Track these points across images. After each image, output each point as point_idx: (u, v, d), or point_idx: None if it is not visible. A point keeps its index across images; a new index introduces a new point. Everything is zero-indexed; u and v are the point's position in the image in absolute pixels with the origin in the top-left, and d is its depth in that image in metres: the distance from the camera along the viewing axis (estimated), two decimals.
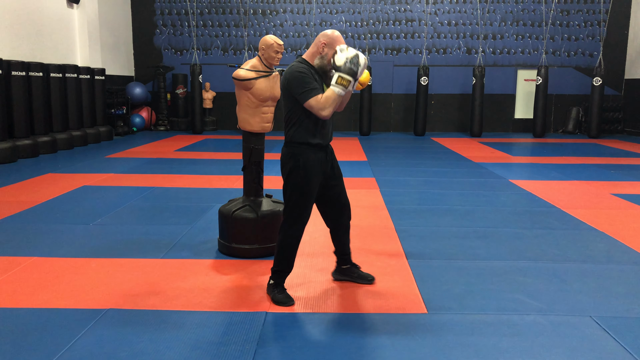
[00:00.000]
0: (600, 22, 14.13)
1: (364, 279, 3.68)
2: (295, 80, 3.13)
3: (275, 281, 3.40)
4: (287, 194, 3.28)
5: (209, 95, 14.17)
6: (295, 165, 3.22)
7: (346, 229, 3.60)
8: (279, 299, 3.33)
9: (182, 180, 7.26)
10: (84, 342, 2.82)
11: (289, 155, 3.25)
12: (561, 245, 4.57)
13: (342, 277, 3.72)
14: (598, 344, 2.87)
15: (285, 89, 3.20)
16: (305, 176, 3.22)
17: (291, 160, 3.24)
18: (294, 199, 3.25)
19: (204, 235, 4.73)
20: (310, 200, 3.28)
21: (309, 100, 3.09)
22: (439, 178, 7.61)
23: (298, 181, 3.23)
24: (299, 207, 3.26)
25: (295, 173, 3.22)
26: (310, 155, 3.23)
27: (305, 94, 3.09)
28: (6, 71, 8.81)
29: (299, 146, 3.22)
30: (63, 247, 4.37)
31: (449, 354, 2.74)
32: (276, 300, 3.33)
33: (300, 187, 3.24)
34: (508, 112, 14.64)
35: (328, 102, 3.08)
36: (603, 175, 7.94)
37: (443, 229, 5.01)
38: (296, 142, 3.23)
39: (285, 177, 3.28)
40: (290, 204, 3.27)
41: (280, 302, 3.32)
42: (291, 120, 3.24)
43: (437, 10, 14.36)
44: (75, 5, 11.74)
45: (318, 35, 3.27)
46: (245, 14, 14.39)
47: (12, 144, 8.67)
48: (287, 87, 3.18)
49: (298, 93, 3.12)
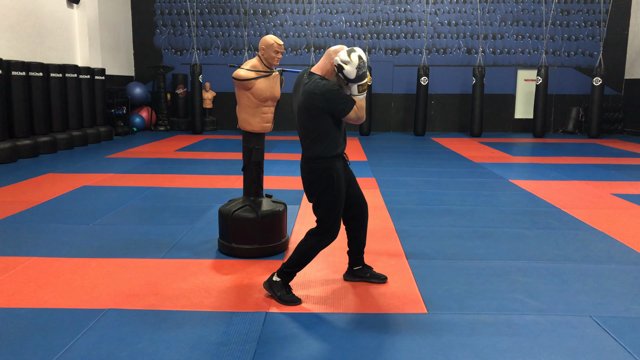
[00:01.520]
0: (600, 22, 14.14)
1: (378, 278, 3.69)
2: (335, 97, 3.13)
3: (283, 281, 3.38)
4: (326, 208, 3.28)
5: (209, 95, 14.17)
6: (331, 181, 3.24)
7: (365, 227, 3.64)
8: (288, 298, 3.32)
9: (182, 180, 7.26)
10: (84, 342, 2.82)
11: (320, 170, 3.25)
12: (561, 245, 4.57)
13: (354, 278, 3.72)
14: (598, 344, 2.87)
15: (314, 106, 3.15)
16: (339, 188, 3.27)
17: (323, 176, 3.25)
18: (334, 213, 3.29)
19: (204, 235, 4.73)
20: (342, 207, 3.36)
21: (349, 114, 3.17)
22: (439, 178, 7.61)
23: (335, 195, 3.26)
24: (338, 218, 3.31)
25: (331, 188, 3.25)
26: (337, 166, 3.29)
27: (345, 109, 3.15)
28: (6, 71, 8.81)
29: (328, 160, 3.25)
30: (63, 247, 4.37)
31: (449, 354, 2.74)
32: (284, 300, 3.31)
33: (337, 200, 3.28)
34: (508, 112, 14.64)
35: (362, 110, 3.21)
36: (603, 175, 7.94)
37: (443, 229, 5.01)
38: (325, 157, 3.24)
39: (320, 192, 3.27)
40: (332, 218, 3.29)
41: (288, 301, 3.31)
42: (314, 137, 3.23)
43: (437, 10, 14.36)
44: (75, 5, 11.74)
45: (334, 48, 3.22)
46: (245, 14, 14.39)
47: (12, 144, 8.67)
48: (320, 104, 3.14)
49: (339, 109, 3.16)
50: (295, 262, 3.36)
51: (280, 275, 3.38)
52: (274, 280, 3.38)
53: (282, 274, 3.38)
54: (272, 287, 3.39)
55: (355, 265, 3.70)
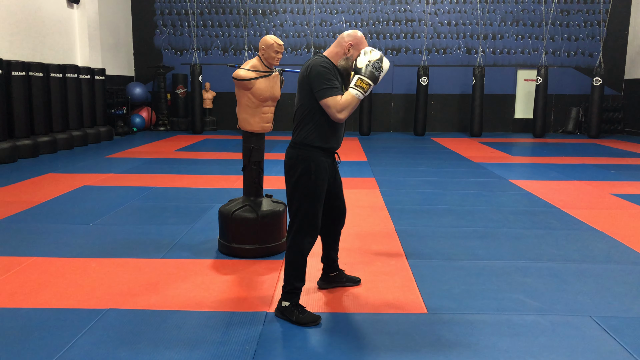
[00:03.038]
0: (600, 22, 14.14)
1: (353, 281, 3.61)
2: (318, 75, 2.91)
3: (291, 302, 3.07)
4: (296, 201, 3.04)
5: (209, 95, 14.17)
6: (306, 170, 2.99)
7: (339, 236, 3.49)
8: (306, 320, 3.02)
9: (182, 180, 7.26)
10: (84, 342, 2.82)
11: (299, 158, 3.01)
12: (561, 245, 4.57)
13: (329, 285, 3.56)
14: (598, 344, 2.87)
15: (304, 82, 2.97)
16: (315, 181, 3.00)
17: (301, 163, 3.00)
18: (305, 206, 3.02)
19: (204, 235, 4.73)
20: (321, 207, 3.08)
21: (327, 99, 2.89)
22: (439, 178, 7.61)
23: (309, 187, 3.00)
24: (311, 215, 3.03)
25: (305, 178, 3.00)
26: (321, 159, 3.02)
27: (325, 91, 2.89)
28: (6, 71, 8.81)
29: (310, 149, 3.00)
30: (63, 247, 4.37)
31: (449, 354, 2.74)
32: (303, 323, 3.01)
33: (311, 194, 3.01)
34: (508, 112, 14.64)
35: (346, 104, 2.90)
36: (603, 175, 7.94)
37: (443, 229, 5.01)
38: (308, 145, 3.00)
39: (294, 182, 3.03)
40: (302, 213, 3.02)
41: (308, 323, 3.01)
42: (305, 120, 3.01)
43: (437, 10, 14.36)
44: (75, 5, 11.74)
45: (341, 35, 3.08)
46: (245, 14, 14.39)
47: (12, 144, 8.67)
48: (306, 80, 2.95)
49: (317, 89, 2.90)
50: (292, 277, 3.07)
51: (286, 298, 3.09)
52: (284, 307, 3.09)
53: (286, 296, 3.09)
54: (284, 313, 3.08)
55: (332, 271, 3.53)
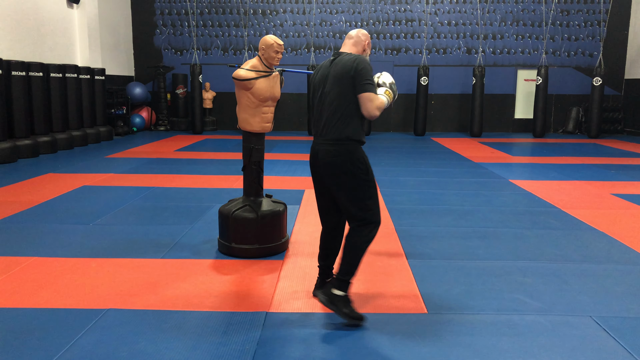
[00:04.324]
0: (600, 22, 14.14)
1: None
2: (365, 70, 2.93)
3: (346, 293, 3.04)
4: (367, 194, 3.01)
5: (209, 95, 14.17)
6: (364, 164, 3.01)
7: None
8: (356, 315, 3.02)
9: (182, 180, 7.26)
10: (84, 342, 2.82)
11: (350, 153, 2.98)
12: (561, 245, 4.57)
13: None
14: (598, 344, 2.87)
15: (348, 75, 2.94)
16: (372, 173, 3.07)
17: (356, 159, 2.98)
18: (374, 198, 3.04)
19: (204, 235, 4.73)
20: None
21: (370, 94, 2.92)
22: (439, 178, 7.61)
23: (370, 179, 3.03)
24: (378, 206, 3.08)
25: (364, 172, 3.00)
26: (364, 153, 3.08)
27: (369, 85, 2.93)
28: (6, 71, 8.81)
29: (357, 144, 3.01)
30: (63, 247, 4.37)
31: (449, 354, 2.74)
32: (353, 317, 3.00)
33: (374, 185, 3.05)
34: (508, 112, 14.64)
35: (382, 105, 3.02)
36: (603, 175, 7.94)
37: (443, 229, 5.01)
38: (355, 140, 2.99)
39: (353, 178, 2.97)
40: (373, 205, 3.03)
41: (357, 319, 3.01)
42: (349, 115, 2.97)
43: (437, 10, 14.36)
44: (75, 5, 11.74)
45: (355, 34, 3.14)
46: (245, 14, 14.39)
47: (12, 144, 8.67)
48: (352, 73, 2.93)
49: (362, 82, 2.92)
50: (354, 266, 3.03)
51: (342, 287, 3.02)
52: (337, 295, 3.01)
53: (342, 285, 3.02)
54: (334, 302, 3.01)
55: (329, 277, 3.37)
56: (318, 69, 3.17)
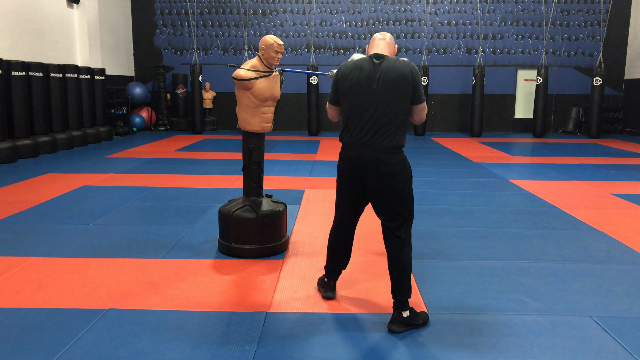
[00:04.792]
0: (600, 22, 14.14)
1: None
2: (420, 78, 2.93)
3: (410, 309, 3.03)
4: (409, 206, 3.02)
5: (209, 95, 14.17)
6: (410, 173, 3.02)
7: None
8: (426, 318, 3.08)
9: (182, 180, 7.26)
10: (84, 342, 2.82)
11: (403, 162, 2.98)
12: (561, 245, 4.57)
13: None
14: (598, 344, 2.87)
15: (406, 83, 2.88)
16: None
17: (407, 168, 3.00)
18: (413, 209, 3.07)
19: (204, 235, 4.73)
20: None
21: (424, 103, 2.98)
22: (439, 178, 7.61)
23: (411, 189, 3.05)
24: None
25: (410, 181, 3.03)
26: None
27: (423, 95, 2.96)
28: (6, 71, 8.80)
29: (403, 152, 3.01)
30: (63, 247, 4.37)
31: (449, 354, 2.74)
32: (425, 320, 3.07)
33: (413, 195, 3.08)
34: (508, 112, 14.64)
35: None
36: (603, 175, 7.94)
37: (443, 229, 5.01)
38: (403, 147, 3.00)
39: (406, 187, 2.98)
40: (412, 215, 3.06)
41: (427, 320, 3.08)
42: (401, 122, 2.94)
43: (437, 10, 14.36)
44: (75, 5, 11.74)
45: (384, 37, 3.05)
46: (245, 14, 14.39)
47: (12, 144, 8.67)
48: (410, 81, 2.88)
49: (420, 91, 2.93)
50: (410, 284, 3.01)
51: (404, 307, 3.00)
52: (406, 317, 3.00)
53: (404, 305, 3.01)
54: (410, 323, 3.01)
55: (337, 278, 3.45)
56: (353, 68, 2.96)
